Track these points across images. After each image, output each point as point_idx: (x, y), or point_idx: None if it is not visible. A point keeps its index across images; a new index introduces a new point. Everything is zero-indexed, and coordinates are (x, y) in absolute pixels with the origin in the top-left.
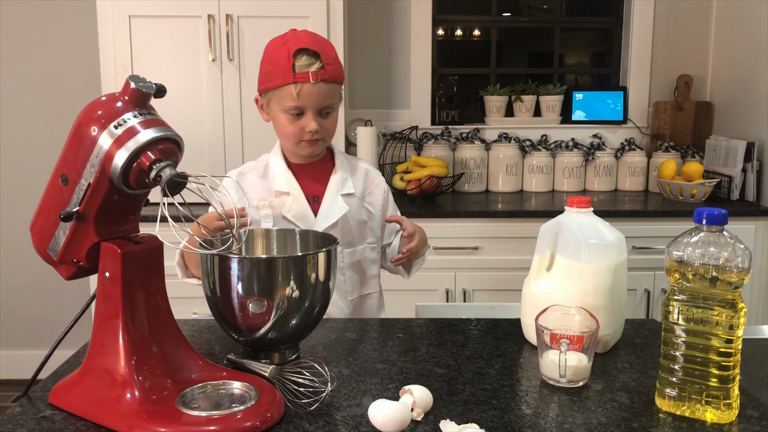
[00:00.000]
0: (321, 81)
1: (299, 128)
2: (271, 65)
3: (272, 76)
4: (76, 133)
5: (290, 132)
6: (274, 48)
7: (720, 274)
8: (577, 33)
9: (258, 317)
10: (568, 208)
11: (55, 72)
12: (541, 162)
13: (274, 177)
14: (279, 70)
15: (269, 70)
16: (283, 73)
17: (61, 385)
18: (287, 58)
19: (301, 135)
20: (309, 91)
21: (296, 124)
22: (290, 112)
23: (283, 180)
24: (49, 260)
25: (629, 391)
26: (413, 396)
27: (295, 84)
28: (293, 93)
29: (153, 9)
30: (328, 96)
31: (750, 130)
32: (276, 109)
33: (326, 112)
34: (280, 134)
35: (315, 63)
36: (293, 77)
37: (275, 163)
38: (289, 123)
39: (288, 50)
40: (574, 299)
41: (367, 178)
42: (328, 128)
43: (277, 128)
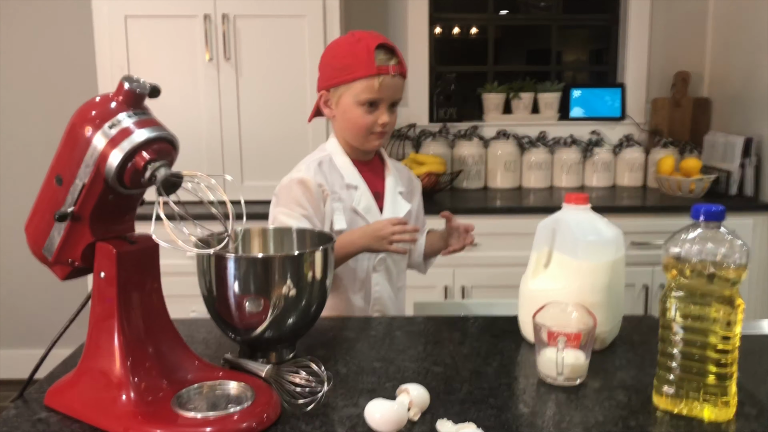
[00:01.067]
0: (398, 75)
1: (373, 121)
2: (350, 59)
3: (352, 69)
4: (71, 133)
5: (363, 124)
6: (347, 44)
7: (718, 270)
8: (575, 30)
9: (255, 316)
10: (566, 204)
11: (51, 72)
12: (539, 159)
13: (342, 170)
14: (360, 63)
15: (347, 63)
16: (366, 66)
17: (57, 387)
18: (368, 53)
19: (373, 127)
20: (387, 84)
21: (370, 116)
22: (366, 104)
23: (351, 173)
24: (44, 261)
25: (627, 389)
26: (410, 395)
27: (378, 76)
28: (375, 85)
29: (149, 9)
30: (400, 90)
31: (748, 125)
32: (349, 102)
33: (394, 107)
34: (350, 127)
35: (393, 58)
36: (376, 70)
37: (339, 157)
38: (364, 115)
39: (367, 45)
40: (572, 296)
41: (410, 179)
42: (393, 123)
43: (347, 122)
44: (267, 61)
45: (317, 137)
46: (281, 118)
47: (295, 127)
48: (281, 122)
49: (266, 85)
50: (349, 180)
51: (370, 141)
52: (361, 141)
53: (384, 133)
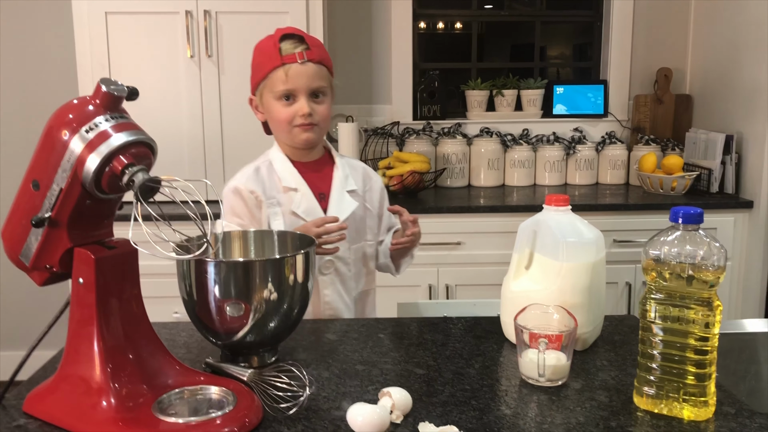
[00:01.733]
0: (308, 61)
1: (292, 113)
2: (260, 56)
3: (261, 66)
4: (47, 137)
5: (284, 118)
6: (261, 43)
7: (696, 272)
8: (559, 25)
9: (236, 321)
10: (546, 206)
11: (31, 70)
12: (522, 156)
13: (280, 174)
14: (267, 58)
15: (258, 61)
16: (271, 58)
17: (36, 393)
18: (273, 45)
19: (293, 119)
20: (297, 72)
21: (289, 109)
22: (282, 97)
23: (289, 176)
24: (21, 266)
25: (608, 390)
26: (392, 399)
27: (283, 66)
28: (283, 75)
29: (130, 5)
30: (317, 77)
31: (729, 122)
32: (269, 100)
33: (317, 96)
34: (276, 125)
35: (300, 45)
36: (281, 60)
37: (279, 160)
38: (282, 109)
39: (273, 39)
40: (553, 297)
41: (365, 176)
42: (322, 113)
43: (273, 121)
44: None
45: None
46: None
47: None
48: None
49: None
50: (287, 183)
51: (296, 135)
52: (289, 137)
53: (310, 125)
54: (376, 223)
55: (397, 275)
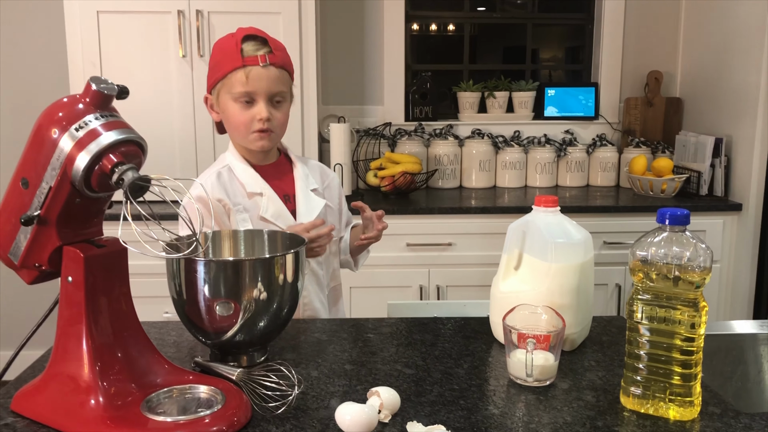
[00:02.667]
0: (270, 65)
1: (250, 117)
2: (219, 55)
3: (221, 65)
4: (37, 135)
5: (241, 121)
6: (221, 41)
7: (682, 273)
8: (552, 28)
9: (225, 320)
10: (536, 207)
11: (22, 68)
12: (513, 158)
13: (242, 180)
14: (227, 57)
15: (217, 60)
16: (232, 59)
17: (24, 392)
18: (235, 45)
19: (251, 124)
20: (258, 75)
21: (247, 112)
22: (241, 99)
23: (252, 181)
24: (10, 265)
25: (595, 390)
26: (380, 398)
27: (244, 68)
28: (243, 77)
29: (121, 5)
30: (278, 82)
31: (719, 125)
32: (226, 100)
33: (277, 101)
34: (231, 127)
35: (263, 48)
36: (242, 61)
37: (238, 165)
38: (240, 112)
39: (236, 38)
40: (542, 298)
41: (322, 173)
42: (279, 120)
43: (228, 122)
44: None
45: (292, 136)
46: None
47: None
48: None
49: None
50: (252, 188)
51: (253, 141)
52: (246, 141)
53: (268, 131)
54: (337, 219)
55: (355, 270)
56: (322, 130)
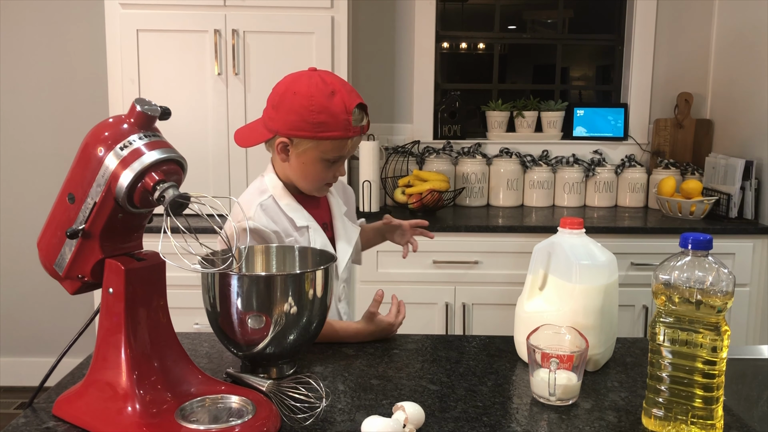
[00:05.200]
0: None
1: (331, 175)
2: (327, 116)
3: (328, 128)
4: (83, 153)
5: (322, 178)
6: (323, 98)
7: (704, 297)
8: (583, 46)
9: (256, 333)
10: (561, 229)
11: (64, 83)
12: (541, 177)
13: (290, 214)
14: (338, 124)
15: (323, 120)
16: (343, 127)
17: (65, 397)
18: (346, 113)
19: (330, 180)
20: (356, 143)
21: (329, 170)
22: (331, 160)
23: (299, 215)
24: (55, 275)
25: (617, 410)
26: (405, 412)
27: (349, 138)
28: (347, 145)
29: (161, 23)
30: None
31: (749, 148)
32: (313, 157)
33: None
34: (307, 178)
35: (365, 117)
36: (352, 131)
37: (285, 200)
38: (324, 171)
39: (345, 104)
40: (566, 318)
41: (344, 191)
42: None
43: (304, 173)
44: (275, 76)
45: None
46: None
47: None
48: None
49: None
50: (300, 222)
51: (323, 190)
52: (311, 189)
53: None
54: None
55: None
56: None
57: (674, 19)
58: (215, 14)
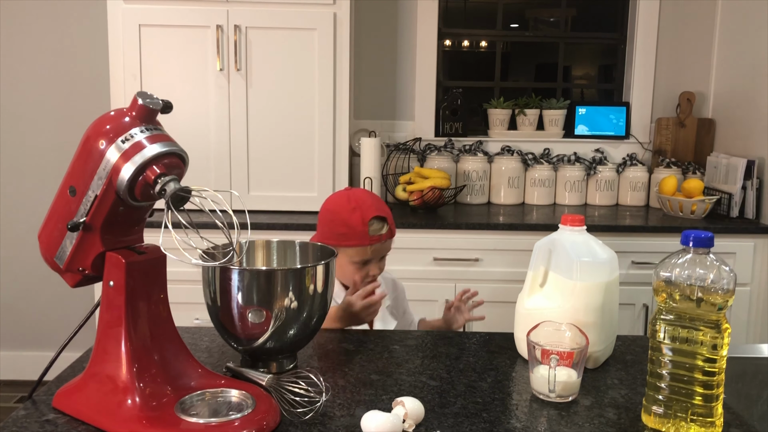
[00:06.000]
0: (387, 240)
1: (363, 274)
2: (346, 229)
3: (347, 238)
4: (85, 146)
5: (356, 278)
6: (345, 213)
7: (705, 295)
8: (585, 45)
9: (257, 327)
10: (562, 226)
11: (65, 78)
12: (543, 175)
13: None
14: (355, 234)
15: (343, 232)
16: (360, 237)
17: (65, 390)
18: (362, 225)
19: (365, 278)
20: (377, 248)
21: (362, 271)
22: (359, 263)
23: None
24: (55, 268)
25: (617, 407)
26: (405, 408)
27: (370, 246)
28: (368, 252)
29: (163, 18)
30: (389, 248)
31: (751, 147)
32: (345, 261)
33: (382, 257)
34: (345, 277)
35: (384, 227)
36: (368, 240)
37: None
38: (356, 272)
39: (362, 217)
40: (566, 316)
41: (394, 287)
42: (383, 267)
43: (342, 273)
44: (277, 72)
45: (323, 150)
46: (289, 129)
47: (303, 139)
48: (289, 133)
49: (275, 96)
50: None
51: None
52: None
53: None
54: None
55: None
56: (353, 143)
57: (677, 18)
58: (217, 9)
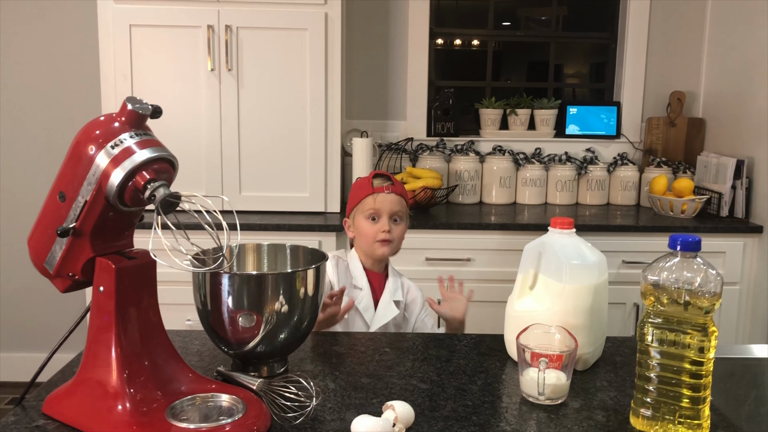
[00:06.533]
0: (391, 192)
1: (376, 230)
2: (356, 189)
3: (357, 195)
4: (74, 151)
5: (369, 233)
6: (357, 181)
7: (692, 299)
8: (577, 43)
9: (247, 331)
10: (551, 228)
11: (56, 79)
12: (534, 175)
13: (354, 273)
14: (362, 189)
15: (355, 193)
16: (365, 190)
17: (55, 395)
18: (368, 181)
19: (377, 235)
20: (383, 198)
21: (374, 226)
22: (370, 217)
23: (360, 277)
24: (45, 273)
25: (606, 410)
26: (395, 412)
27: (373, 194)
28: (372, 200)
29: (153, 18)
30: (396, 204)
31: (741, 146)
32: (359, 219)
33: (395, 220)
34: (361, 240)
35: (387, 181)
36: (372, 190)
37: (355, 264)
38: (369, 226)
39: (368, 177)
40: (556, 318)
41: (410, 290)
42: (397, 234)
43: (359, 235)
44: (268, 72)
45: (315, 150)
46: (281, 129)
47: (294, 139)
48: (280, 134)
49: (267, 96)
50: (357, 282)
51: (376, 249)
52: (370, 249)
53: (388, 241)
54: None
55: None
56: (345, 143)
57: (667, 17)
58: (208, 9)
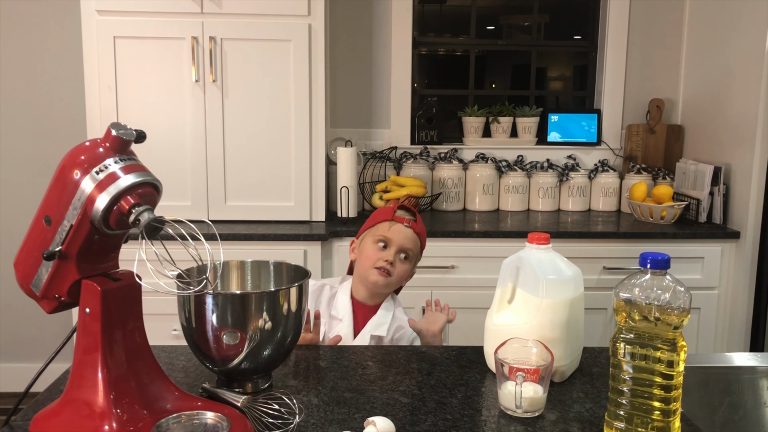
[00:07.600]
0: (410, 228)
1: (379, 256)
2: (377, 215)
3: (375, 218)
4: (60, 176)
5: (371, 257)
6: (381, 208)
7: (662, 315)
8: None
9: (231, 349)
10: (528, 244)
11: (41, 91)
12: (516, 182)
13: (338, 305)
14: (383, 214)
15: (374, 217)
16: (385, 215)
17: (42, 415)
18: (391, 209)
19: (377, 261)
20: (398, 229)
21: (379, 253)
22: (378, 242)
23: (343, 309)
24: (32, 295)
25: (582, 422)
26: (376, 427)
27: (391, 222)
28: (387, 227)
29: (138, 30)
30: (410, 241)
31: (718, 153)
32: (367, 241)
33: (403, 257)
34: (362, 260)
35: (410, 215)
36: (392, 218)
37: (342, 295)
38: (374, 250)
39: (394, 205)
40: (533, 332)
41: (398, 328)
42: (400, 271)
43: (361, 256)
44: (252, 83)
45: (300, 159)
46: (265, 139)
47: (279, 149)
48: (265, 143)
49: (251, 106)
50: (337, 314)
51: (372, 275)
52: (366, 273)
53: (387, 273)
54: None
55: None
56: (329, 152)
57: (646, 26)
58: (192, 21)
